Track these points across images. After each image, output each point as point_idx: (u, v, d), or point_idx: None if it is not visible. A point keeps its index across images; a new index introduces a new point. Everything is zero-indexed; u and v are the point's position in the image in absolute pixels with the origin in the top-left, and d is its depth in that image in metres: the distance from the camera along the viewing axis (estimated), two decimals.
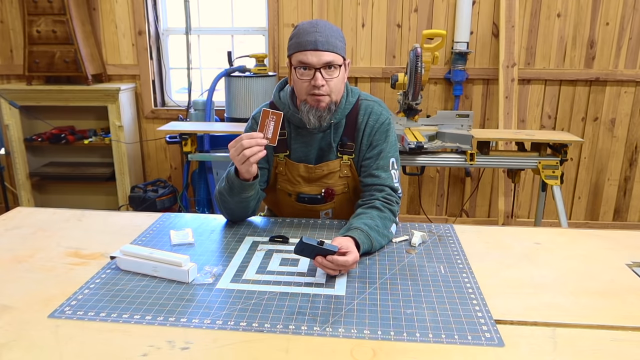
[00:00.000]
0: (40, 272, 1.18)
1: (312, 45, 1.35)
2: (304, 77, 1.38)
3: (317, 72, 1.36)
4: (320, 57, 1.35)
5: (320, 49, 1.35)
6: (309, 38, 1.35)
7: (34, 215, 1.56)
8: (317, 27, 1.36)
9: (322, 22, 1.39)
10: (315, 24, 1.37)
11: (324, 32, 1.36)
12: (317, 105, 1.41)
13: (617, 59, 3.24)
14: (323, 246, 1.14)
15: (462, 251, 1.31)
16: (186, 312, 1.01)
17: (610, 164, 3.44)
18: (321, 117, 1.43)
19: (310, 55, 1.35)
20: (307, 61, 1.35)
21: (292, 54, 1.39)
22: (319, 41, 1.35)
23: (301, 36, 1.36)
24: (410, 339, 0.92)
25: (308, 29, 1.36)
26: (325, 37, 1.36)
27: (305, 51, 1.35)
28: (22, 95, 3.36)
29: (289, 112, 1.49)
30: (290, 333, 0.94)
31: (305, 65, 1.36)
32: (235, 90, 3.16)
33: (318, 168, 1.51)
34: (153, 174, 3.78)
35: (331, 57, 1.36)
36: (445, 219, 3.63)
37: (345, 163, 1.51)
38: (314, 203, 1.55)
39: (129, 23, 3.48)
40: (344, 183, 1.53)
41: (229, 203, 1.45)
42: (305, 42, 1.35)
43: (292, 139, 1.51)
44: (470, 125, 2.77)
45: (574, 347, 0.91)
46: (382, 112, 1.51)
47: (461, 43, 3.21)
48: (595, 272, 1.20)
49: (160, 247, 1.32)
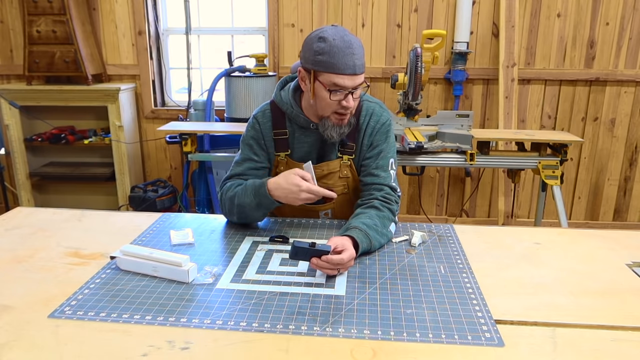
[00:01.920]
0: (40, 272, 1.18)
1: (350, 69, 1.31)
2: (335, 98, 1.35)
3: (349, 94, 1.34)
4: (356, 80, 1.33)
5: (357, 73, 1.32)
6: (347, 61, 1.30)
7: (34, 215, 1.56)
8: (352, 48, 1.30)
9: (353, 38, 1.32)
10: (349, 42, 1.30)
11: (358, 53, 1.32)
12: (341, 123, 1.41)
13: (617, 59, 3.24)
14: (315, 247, 1.14)
15: (462, 251, 1.31)
16: (186, 312, 1.01)
17: (610, 164, 3.44)
18: (343, 133, 1.43)
19: (347, 80, 1.31)
20: (344, 85, 1.32)
21: (323, 72, 1.32)
22: (357, 65, 1.31)
23: (336, 57, 1.29)
24: (410, 339, 0.92)
25: (344, 50, 1.29)
26: (361, 59, 1.32)
27: (342, 75, 1.30)
28: (22, 95, 3.36)
29: (292, 111, 1.48)
30: (290, 333, 0.94)
31: (339, 89, 1.33)
32: (235, 90, 3.16)
33: (318, 168, 1.50)
34: (153, 174, 3.78)
35: (362, 79, 1.35)
36: (445, 219, 3.63)
37: (345, 163, 1.51)
38: (314, 203, 1.54)
39: (129, 23, 3.48)
40: (343, 184, 1.53)
41: (250, 216, 1.44)
42: (344, 66, 1.30)
43: (295, 138, 1.51)
44: (470, 125, 2.77)
45: (574, 347, 0.91)
46: (383, 113, 1.51)
47: (461, 43, 3.21)
48: (595, 272, 1.20)
49: (160, 247, 1.32)
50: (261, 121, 1.51)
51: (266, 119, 1.51)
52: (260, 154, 1.51)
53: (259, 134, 1.51)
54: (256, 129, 1.52)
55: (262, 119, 1.51)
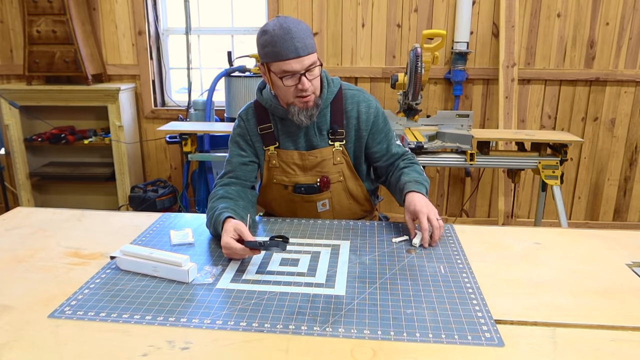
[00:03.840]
0: (40, 272, 1.18)
1: (293, 53, 1.34)
2: (289, 84, 1.39)
3: (302, 76, 1.37)
4: (303, 62, 1.36)
5: (301, 54, 1.35)
6: (288, 46, 1.33)
7: (34, 215, 1.57)
8: (291, 33, 1.33)
9: (292, 23, 1.35)
10: (287, 28, 1.33)
11: (299, 36, 1.34)
12: (306, 106, 1.44)
13: (617, 59, 3.24)
14: (278, 240, 1.23)
15: (462, 251, 1.31)
16: (186, 312, 1.01)
17: (610, 164, 3.44)
18: (312, 115, 1.47)
19: (294, 64, 1.35)
20: (292, 69, 1.36)
21: (272, 62, 1.37)
22: (299, 47, 1.34)
23: (277, 45, 1.33)
24: (410, 339, 0.92)
25: (283, 36, 1.33)
26: (302, 40, 1.35)
27: (287, 60, 1.34)
28: (22, 95, 3.36)
29: (272, 105, 1.52)
30: (290, 333, 0.94)
31: (290, 73, 1.37)
32: (235, 90, 3.16)
33: (311, 154, 1.54)
34: (153, 174, 3.78)
35: (312, 59, 1.38)
36: (445, 219, 3.63)
37: (337, 150, 1.55)
38: (311, 193, 1.58)
39: (129, 23, 3.48)
40: (338, 171, 1.57)
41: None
42: (286, 51, 1.33)
43: (279, 130, 1.56)
44: (470, 125, 2.77)
45: (574, 347, 0.91)
46: (370, 99, 1.59)
47: (461, 43, 3.21)
48: (595, 272, 1.20)
49: (160, 247, 1.32)
50: (246, 119, 1.58)
51: (250, 116, 1.57)
52: (247, 149, 1.57)
53: (245, 130, 1.57)
54: (241, 126, 1.58)
55: (247, 116, 1.58)
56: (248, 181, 1.57)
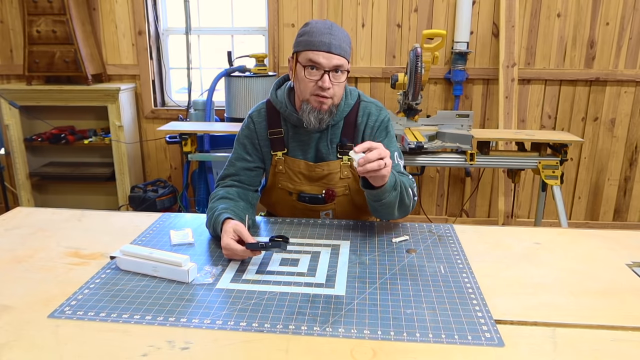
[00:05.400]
0: (40, 272, 1.18)
1: (325, 46, 1.34)
2: (312, 77, 1.37)
3: (326, 74, 1.36)
4: (332, 59, 1.35)
5: (333, 51, 1.35)
6: (323, 39, 1.34)
7: (34, 215, 1.56)
8: (331, 30, 1.36)
9: (336, 25, 1.38)
10: (330, 25, 1.37)
11: (337, 36, 1.36)
12: (320, 107, 1.41)
13: (617, 59, 3.24)
14: (278, 240, 1.23)
15: (462, 251, 1.31)
16: (186, 312, 1.01)
17: (610, 164, 3.44)
18: (322, 119, 1.43)
19: (322, 57, 1.35)
20: (318, 61, 1.35)
21: (302, 51, 1.38)
22: (332, 44, 1.35)
23: (314, 35, 1.35)
24: (410, 339, 0.92)
25: (322, 30, 1.35)
26: (339, 40, 1.36)
27: (318, 51, 1.35)
28: (22, 95, 3.36)
29: (286, 110, 1.49)
30: (290, 333, 0.94)
31: (315, 65, 1.36)
32: (235, 90, 3.16)
33: (318, 167, 1.51)
34: (153, 174, 3.78)
35: (341, 62, 1.37)
36: (445, 219, 3.63)
37: (345, 164, 1.52)
38: (315, 203, 1.55)
39: (129, 23, 3.48)
40: (344, 185, 1.54)
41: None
42: (319, 43, 1.35)
43: (290, 137, 1.52)
44: (470, 125, 2.77)
45: (574, 347, 0.91)
46: (381, 111, 1.53)
47: (461, 43, 3.21)
48: (595, 272, 1.20)
49: (160, 247, 1.32)
50: (256, 120, 1.54)
51: (261, 118, 1.53)
52: (253, 153, 1.54)
53: (253, 133, 1.53)
54: (250, 128, 1.54)
55: (258, 118, 1.54)
56: (252, 186, 1.54)
